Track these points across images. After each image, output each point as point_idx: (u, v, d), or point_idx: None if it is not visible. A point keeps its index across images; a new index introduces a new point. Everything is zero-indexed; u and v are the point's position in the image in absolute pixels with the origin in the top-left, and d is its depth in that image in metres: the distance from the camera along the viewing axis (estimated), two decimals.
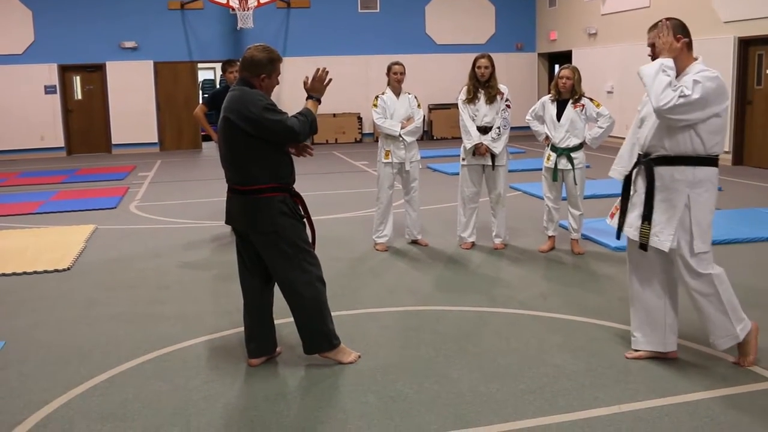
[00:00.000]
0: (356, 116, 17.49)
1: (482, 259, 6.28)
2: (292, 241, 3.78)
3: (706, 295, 3.72)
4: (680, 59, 3.71)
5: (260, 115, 3.66)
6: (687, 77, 3.61)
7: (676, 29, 3.69)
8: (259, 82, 3.80)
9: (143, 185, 11.40)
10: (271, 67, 3.81)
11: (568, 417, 3.32)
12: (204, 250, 6.89)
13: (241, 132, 3.70)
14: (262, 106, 3.67)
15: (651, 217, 3.72)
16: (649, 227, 3.73)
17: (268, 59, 3.79)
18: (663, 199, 3.70)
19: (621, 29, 14.89)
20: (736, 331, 3.75)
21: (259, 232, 3.78)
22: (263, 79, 3.80)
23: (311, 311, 3.89)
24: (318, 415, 3.43)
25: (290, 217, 3.78)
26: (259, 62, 3.78)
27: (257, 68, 3.78)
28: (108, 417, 3.44)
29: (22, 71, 15.88)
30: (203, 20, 16.67)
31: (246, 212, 3.80)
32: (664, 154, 3.68)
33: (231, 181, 3.87)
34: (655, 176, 3.70)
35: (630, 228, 3.85)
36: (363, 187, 10.30)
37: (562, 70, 6.22)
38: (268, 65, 3.79)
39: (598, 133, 6.19)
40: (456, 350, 4.17)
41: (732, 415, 3.31)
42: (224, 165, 3.90)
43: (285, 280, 3.85)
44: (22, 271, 6.13)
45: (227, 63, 7.45)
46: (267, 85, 3.83)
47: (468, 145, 6.39)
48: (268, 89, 3.85)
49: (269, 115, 3.67)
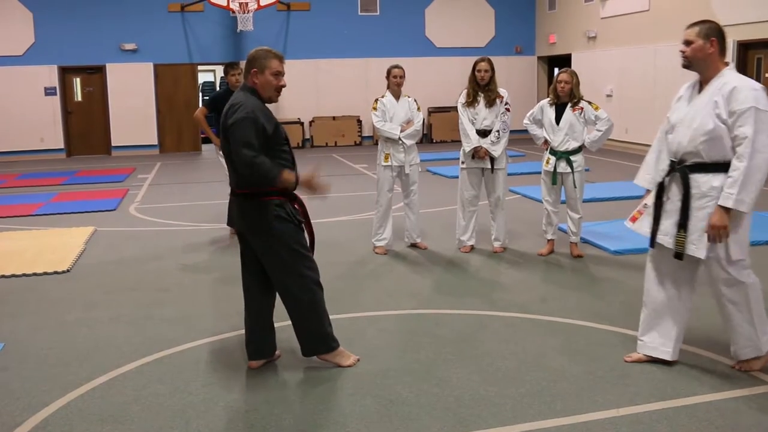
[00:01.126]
0: (356, 119, 17.49)
1: (481, 263, 6.29)
2: (289, 245, 3.78)
3: (736, 303, 3.67)
4: (710, 65, 3.63)
5: (233, 123, 3.63)
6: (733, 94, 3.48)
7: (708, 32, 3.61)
8: (253, 79, 3.78)
9: (143, 187, 11.40)
10: (263, 62, 3.76)
11: (567, 420, 3.33)
12: (204, 253, 6.89)
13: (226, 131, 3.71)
14: (241, 117, 3.61)
15: (687, 226, 3.65)
16: (685, 235, 3.66)
17: (261, 54, 3.79)
18: (700, 206, 3.62)
19: (620, 33, 14.91)
20: (760, 342, 3.71)
21: (256, 236, 3.79)
22: (255, 73, 3.77)
23: (308, 314, 3.90)
24: (317, 418, 3.43)
25: (288, 221, 3.77)
26: (251, 58, 3.80)
27: (249, 63, 3.79)
28: (107, 419, 3.44)
29: (22, 73, 15.90)
30: (203, 22, 16.68)
31: (244, 216, 3.81)
32: (700, 161, 3.60)
33: (231, 183, 3.90)
34: (691, 184, 3.63)
35: (665, 236, 3.77)
36: (362, 190, 10.30)
37: (561, 74, 6.21)
38: (259, 59, 3.77)
39: (596, 136, 6.19)
40: (455, 353, 4.17)
41: (731, 419, 3.32)
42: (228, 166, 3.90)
43: (282, 284, 3.86)
44: (21, 273, 6.13)
45: (229, 65, 7.46)
46: (261, 81, 3.77)
47: (467, 149, 6.40)
48: (263, 85, 3.78)
49: (239, 129, 3.59)
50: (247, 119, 3.61)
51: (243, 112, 3.63)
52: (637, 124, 14.18)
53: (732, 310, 3.69)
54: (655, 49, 13.65)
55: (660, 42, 13.50)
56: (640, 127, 14.13)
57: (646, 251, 6.36)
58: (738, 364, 3.84)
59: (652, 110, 13.84)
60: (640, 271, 5.82)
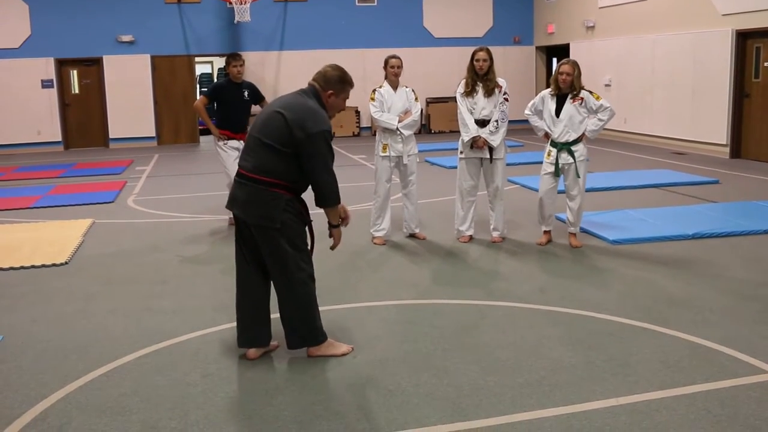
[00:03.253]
0: (354, 110, 17.46)
1: (480, 253, 6.28)
2: (291, 239, 3.80)
3: None
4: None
5: (314, 137, 3.69)
6: None
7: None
8: (326, 98, 3.88)
9: (141, 179, 11.38)
10: (340, 87, 3.91)
11: (566, 410, 3.33)
12: (202, 245, 6.89)
13: (286, 132, 3.69)
14: (321, 130, 3.70)
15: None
16: None
17: (340, 78, 3.90)
18: None
19: (619, 22, 14.87)
20: None
21: (261, 225, 3.78)
22: (330, 95, 3.89)
23: (301, 307, 3.91)
24: (316, 408, 3.43)
25: (294, 217, 3.80)
26: (331, 79, 3.88)
27: (327, 84, 3.88)
28: (106, 411, 3.44)
29: (18, 65, 15.83)
30: (200, 14, 16.61)
31: (251, 202, 3.79)
32: None
33: (244, 167, 3.85)
34: None
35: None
36: (361, 180, 10.29)
37: (562, 66, 6.15)
38: (338, 84, 3.90)
39: (597, 125, 6.17)
40: (454, 344, 4.17)
41: (729, 408, 3.32)
42: (248, 149, 3.88)
43: (279, 275, 3.87)
44: (19, 266, 6.13)
45: (231, 57, 7.40)
46: (332, 103, 3.92)
47: (466, 138, 6.38)
48: (332, 107, 3.93)
49: (322, 145, 3.71)
50: (329, 133, 3.76)
51: (326, 125, 3.76)
52: (636, 114, 14.16)
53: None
54: (654, 38, 13.62)
55: (658, 32, 13.46)
56: (639, 117, 14.11)
57: (645, 241, 6.42)
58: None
59: (650, 100, 13.82)
60: (639, 261, 5.85)
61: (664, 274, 5.49)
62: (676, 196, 8.58)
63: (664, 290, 5.10)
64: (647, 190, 8.92)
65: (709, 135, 12.36)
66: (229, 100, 7.39)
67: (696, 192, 8.78)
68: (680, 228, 6.73)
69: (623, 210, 7.67)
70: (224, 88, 7.43)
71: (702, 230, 6.63)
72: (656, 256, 6.00)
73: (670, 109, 13.31)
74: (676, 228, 6.75)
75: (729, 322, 4.44)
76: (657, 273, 5.52)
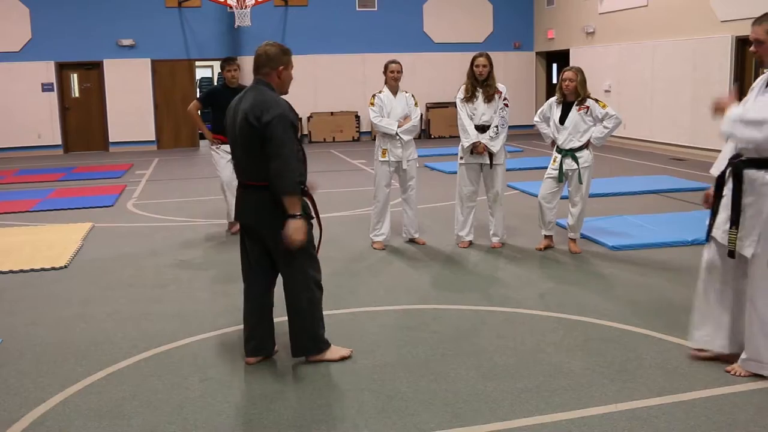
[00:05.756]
0: (354, 115, 17.47)
1: (480, 258, 6.29)
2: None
3: (758, 308, 3.54)
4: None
5: (268, 124, 3.64)
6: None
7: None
8: (278, 75, 3.85)
9: (140, 183, 11.38)
10: (287, 58, 3.88)
11: (565, 416, 3.33)
12: (201, 249, 6.89)
13: (256, 131, 3.69)
14: (275, 116, 3.65)
15: (738, 222, 3.53)
16: (736, 232, 3.54)
17: (282, 51, 3.87)
18: (750, 203, 3.52)
19: (619, 28, 14.90)
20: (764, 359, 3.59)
21: (270, 231, 3.78)
22: (281, 71, 3.86)
23: (305, 313, 3.91)
24: (315, 413, 3.43)
25: None
26: (275, 55, 3.84)
27: (274, 61, 3.83)
28: (105, 415, 3.44)
29: (19, 69, 15.84)
30: (201, 18, 16.64)
31: (258, 209, 3.80)
32: (754, 156, 3.50)
33: (244, 177, 3.87)
34: (744, 179, 3.52)
35: (718, 230, 3.67)
36: (360, 185, 10.29)
37: (565, 72, 6.15)
38: (284, 56, 3.87)
39: (603, 132, 6.16)
40: (453, 349, 4.17)
41: (728, 414, 3.32)
42: (237, 161, 3.92)
43: (287, 278, 3.88)
44: (19, 269, 6.12)
45: (226, 61, 7.36)
46: (285, 77, 3.89)
47: (466, 144, 6.39)
48: (285, 81, 3.90)
49: (277, 129, 3.64)
50: (284, 117, 3.68)
51: (279, 110, 3.69)
52: (636, 120, 14.17)
53: (753, 318, 3.57)
54: (653, 44, 13.64)
55: (658, 38, 13.48)
56: (639, 123, 14.11)
57: (644, 247, 6.42)
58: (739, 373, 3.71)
59: (650, 106, 13.83)
60: (639, 267, 5.85)
61: (663, 280, 5.49)
62: (675, 202, 8.58)
63: (664, 296, 5.10)
64: (646, 196, 8.92)
65: (708, 141, 12.36)
66: (224, 105, 7.28)
67: (695, 198, 8.77)
68: (679, 234, 6.73)
69: (622, 216, 7.68)
70: (219, 93, 7.35)
71: (701, 236, 6.53)
72: (655, 262, 6.01)
73: (670, 115, 13.32)
74: (675, 234, 6.75)
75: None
76: (656, 279, 5.53)
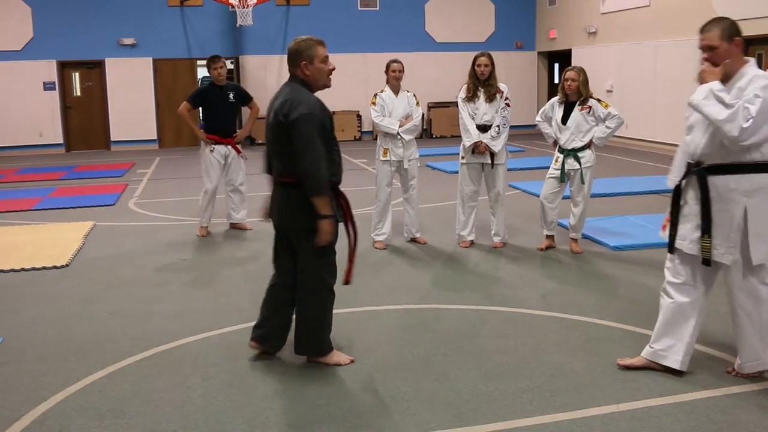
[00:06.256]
0: (355, 114, 17.48)
1: (481, 258, 6.28)
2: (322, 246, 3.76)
3: (749, 312, 3.55)
4: (734, 65, 3.47)
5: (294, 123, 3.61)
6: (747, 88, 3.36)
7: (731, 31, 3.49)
8: (303, 71, 3.77)
9: (142, 182, 11.39)
10: (310, 52, 3.75)
11: (566, 416, 3.33)
12: (202, 248, 6.88)
13: (284, 128, 3.67)
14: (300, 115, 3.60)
15: (710, 230, 3.49)
16: (710, 240, 3.50)
17: (305, 46, 3.76)
18: (719, 210, 3.48)
19: (621, 28, 14.89)
20: (765, 357, 3.59)
21: (297, 228, 3.79)
22: (305, 66, 3.76)
23: (313, 315, 3.91)
24: (316, 413, 3.43)
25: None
26: (295, 52, 3.77)
27: (296, 58, 3.77)
28: (106, 414, 3.44)
29: (20, 68, 15.86)
30: (203, 17, 16.65)
31: (286, 205, 3.80)
32: (718, 162, 3.46)
33: (274, 173, 3.87)
34: (709, 186, 3.50)
35: (684, 241, 3.61)
36: (362, 185, 10.29)
37: (567, 72, 6.15)
38: (306, 51, 3.75)
39: (605, 132, 6.15)
40: (454, 349, 4.17)
41: (729, 415, 3.32)
42: (268, 158, 3.91)
43: (301, 278, 3.88)
44: (20, 268, 6.13)
45: (211, 60, 7.33)
46: (312, 72, 3.77)
47: (467, 144, 6.39)
48: (315, 75, 3.78)
49: (303, 128, 3.60)
50: (311, 116, 3.62)
51: (305, 108, 3.63)
52: (638, 120, 14.16)
53: (744, 320, 3.57)
54: (656, 44, 13.63)
55: (660, 38, 13.47)
56: (641, 123, 14.10)
57: (646, 247, 6.41)
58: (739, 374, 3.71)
59: (652, 106, 13.82)
60: (640, 267, 5.84)
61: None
62: None
63: None
64: (648, 196, 8.91)
65: None
66: (213, 103, 7.33)
67: None
68: None
69: (624, 216, 7.67)
70: (207, 92, 7.34)
71: None
72: (657, 262, 5.99)
73: (672, 115, 13.29)
74: None
75: (730, 328, 4.42)
76: (658, 279, 5.48)
